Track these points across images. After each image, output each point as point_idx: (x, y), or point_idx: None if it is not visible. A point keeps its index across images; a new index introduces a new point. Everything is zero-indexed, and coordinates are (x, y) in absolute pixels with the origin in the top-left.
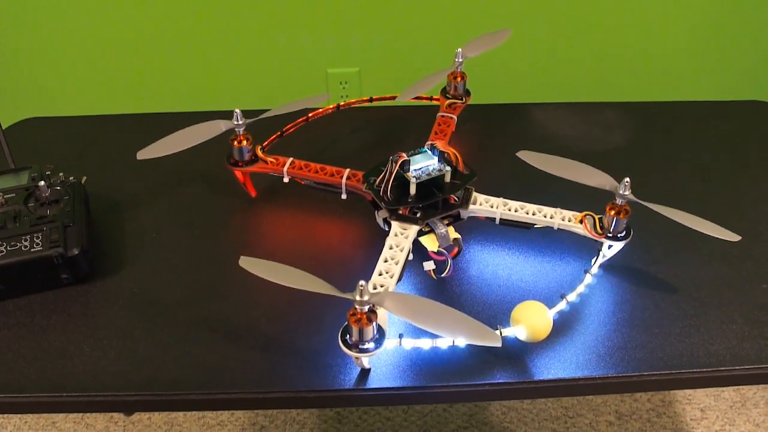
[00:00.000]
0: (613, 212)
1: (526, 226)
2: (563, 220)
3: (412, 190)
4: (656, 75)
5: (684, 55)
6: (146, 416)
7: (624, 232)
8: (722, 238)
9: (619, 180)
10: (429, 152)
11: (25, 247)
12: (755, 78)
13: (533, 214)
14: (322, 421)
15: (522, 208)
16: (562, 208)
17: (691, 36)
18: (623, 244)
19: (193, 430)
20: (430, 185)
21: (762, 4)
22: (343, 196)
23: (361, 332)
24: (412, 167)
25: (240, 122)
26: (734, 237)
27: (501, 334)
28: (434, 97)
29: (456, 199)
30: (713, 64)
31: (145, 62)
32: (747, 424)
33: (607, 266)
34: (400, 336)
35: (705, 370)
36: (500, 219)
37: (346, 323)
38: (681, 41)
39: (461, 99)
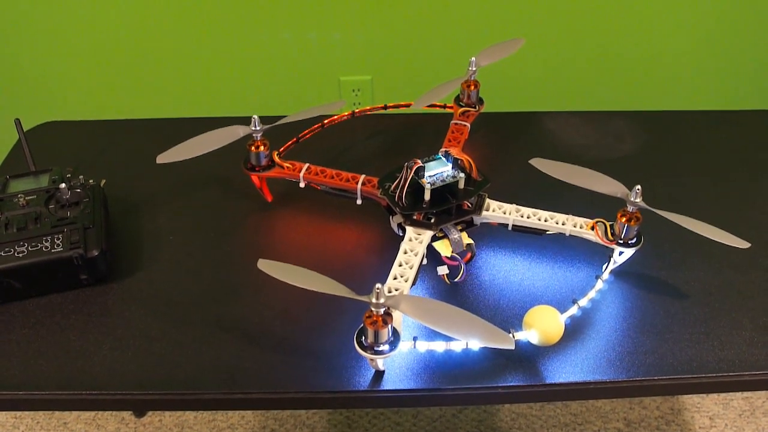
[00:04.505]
0: (624, 219)
1: (538, 233)
2: (575, 226)
3: (427, 196)
4: (667, 84)
5: (695, 65)
6: (157, 418)
7: (635, 239)
8: (731, 245)
9: (630, 187)
10: (443, 159)
11: (46, 248)
12: (765, 88)
13: (545, 221)
14: (332, 426)
15: (534, 215)
16: (574, 214)
17: (702, 46)
18: (634, 251)
19: None
20: (444, 191)
21: None
22: (359, 202)
23: (376, 334)
24: (426, 173)
25: (258, 128)
26: (743, 244)
27: (514, 337)
28: (448, 105)
29: (469, 205)
30: (724, 73)
31: (163, 69)
32: None
33: (618, 272)
34: (415, 338)
35: (714, 375)
36: (513, 225)
37: (362, 325)
38: (692, 51)
39: (474, 107)
